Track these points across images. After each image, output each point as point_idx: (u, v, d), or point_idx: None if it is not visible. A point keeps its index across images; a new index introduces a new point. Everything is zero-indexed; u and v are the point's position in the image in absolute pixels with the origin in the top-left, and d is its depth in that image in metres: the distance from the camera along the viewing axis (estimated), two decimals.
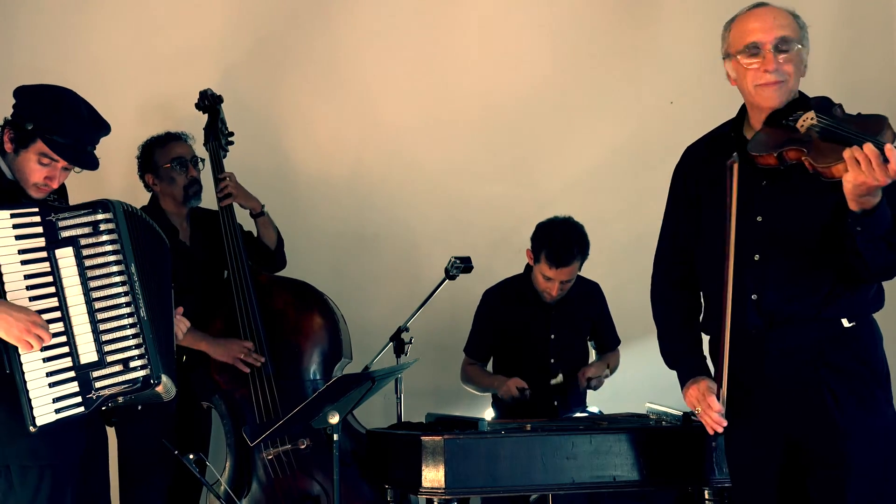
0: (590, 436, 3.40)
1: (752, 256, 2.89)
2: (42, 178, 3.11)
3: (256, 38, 4.87)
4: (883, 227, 2.69)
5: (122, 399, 3.01)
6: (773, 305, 2.87)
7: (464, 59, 5.04)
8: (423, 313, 4.14)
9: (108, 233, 3.03)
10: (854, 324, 2.84)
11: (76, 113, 3.14)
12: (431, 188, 4.98)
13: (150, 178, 4.15)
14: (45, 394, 2.91)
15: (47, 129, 3.07)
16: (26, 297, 2.93)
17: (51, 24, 4.67)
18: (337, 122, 4.96)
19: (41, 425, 2.88)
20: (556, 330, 4.33)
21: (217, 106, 4.31)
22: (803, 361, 2.84)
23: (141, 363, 2.99)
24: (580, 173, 5.08)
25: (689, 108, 5.03)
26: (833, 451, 2.80)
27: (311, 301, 4.13)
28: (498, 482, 3.33)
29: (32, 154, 3.09)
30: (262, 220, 4.26)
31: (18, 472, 3.00)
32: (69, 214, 3.02)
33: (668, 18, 5.15)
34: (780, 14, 2.87)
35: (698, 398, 2.95)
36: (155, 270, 3.19)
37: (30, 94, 3.15)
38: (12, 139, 3.11)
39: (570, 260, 4.14)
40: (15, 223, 2.95)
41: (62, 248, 2.99)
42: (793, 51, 2.83)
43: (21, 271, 2.95)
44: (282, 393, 3.96)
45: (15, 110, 3.14)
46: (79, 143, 3.12)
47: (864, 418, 2.80)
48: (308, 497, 3.89)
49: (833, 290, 2.83)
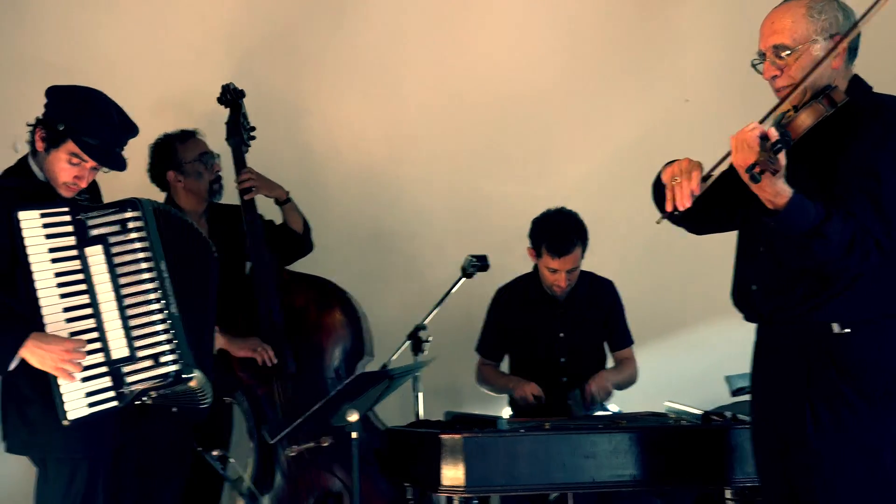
0: (609, 435, 3.39)
1: (758, 248, 2.86)
2: (71, 177, 3.17)
3: (274, 33, 4.88)
4: (794, 228, 2.58)
5: (155, 394, 3.06)
6: (762, 299, 2.83)
7: (479, 57, 5.03)
8: (439, 311, 4.14)
9: (137, 230, 3.09)
10: (849, 330, 2.69)
11: (106, 115, 3.19)
12: (448, 186, 4.99)
13: (173, 174, 4.12)
14: (77, 388, 2.97)
15: (78, 129, 3.12)
16: (57, 294, 3.00)
17: (67, 20, 4.68)
18: (353, 121, 4.96)
19: (73, 419, 2.95)
20: (565, 329, 4.32)
21: (239, 100, 4.30)
22: (789, 366, 2.76)
23: (172, 358, 3.03)
24: (595, 171, 5.07)
25: (704, 105, 5.03)
26: (807, 467, 2.71)
27: (333, 298, 4.13)
28: (517, 480, 3.33)
29: (63, 154, 3.15)
30: (289, 205, 4.27)
31: (54, 465, 3.10)
32: (98, 213, 3.09)
33: (684, 15, 5.13)
34: (780, 18, 2.76)
35: (685, 168, 2.71)
36: (190, 269, 3.23)
37: (62, 94, 3.21)
38: (44, 138, 3.16)
39: (571, 247, 4.15)
40: (45, 222, 3.03)
41: (92, 246, 3.06)
42: (791, 55, 2.73)
43: (52, 269, 3.01)
44: (304, 391, 3.97)
45: (47, 110, 3.19)
46: (108, 145, 3.18)
47: (841, 442, 2.67)
48: (330, 494, 3.90)
49: (816, 291, 2.71)
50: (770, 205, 2.57)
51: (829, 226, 2.56)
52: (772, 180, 2.52)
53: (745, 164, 2.49)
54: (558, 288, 4.24)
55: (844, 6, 2.77)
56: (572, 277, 4.23)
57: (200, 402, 3.23)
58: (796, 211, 2.55)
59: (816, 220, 2.56)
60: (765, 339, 2.89)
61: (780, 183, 2.54)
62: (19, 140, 3.33)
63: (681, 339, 5.01)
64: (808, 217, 2.56)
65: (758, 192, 2.57)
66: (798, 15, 2.74)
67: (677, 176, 2.70)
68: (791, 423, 2.75)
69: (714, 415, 3.60)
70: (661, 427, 3.55)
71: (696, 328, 4.97)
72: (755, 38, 5.16)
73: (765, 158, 2.47)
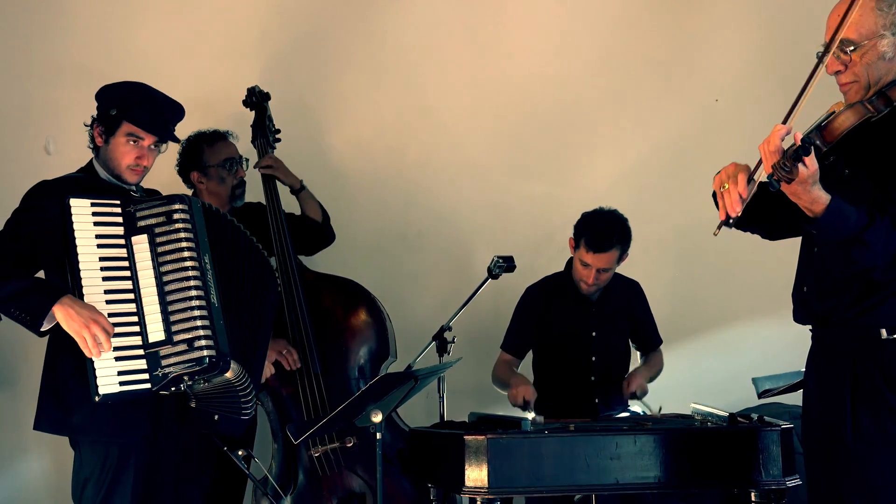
0: (634, 436, 3.37)
1: (813, 249, 2.82)
2: (133, 158, 3.34)
3: (299, 33, 4.89)
4: (833, 235, 2.56)
5: (190, 381, 3.10)
6: (814, 302, 2.81)
7: (508, 57, 5.02)
8: (465, 312, 4.13)
9: (182, 222, 3.20)
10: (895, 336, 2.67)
11: (152, 95, 3.40)
12: (475, 187, 4.98)
13: (196, 175, 4.17)
14: (111, 366, 3.04)
15: (129, 108, 3.31)
16: (100, 277, 3.11)
17: (94, 21, 4.73)
18: (380, 120, 4.97)
19: (104, 394, 3.02)
20: (597, 327, 4.32)
21: (264, 103, 4.34)
22: (838, 368, 2.75)
23: (206, 343, 3.08)
24: (624, 171, 5.05)
25: (734, 105, 5.00)
26: (847, 471, 2.71)
27: (359, 299, 4.14)
28: (541, 482, 3.31)
29: (121, 137, 3.33)
30: (304, 194, 4.32)
31: (87, 447, 3.22)
32: (147, 205, 3.23)
33: (714, 15, 5.10)
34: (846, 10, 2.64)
35: (731, 173, 2.62)
36: (240, 272, 3.34)
37: (108, 90, 3.41)
38: (102, 132, 3.34)
39: (609, 246, 4.14)
40: (95, 211, 3.17)
41: (138, 235, 3.18)
42: (857, 51, 2.66)
43: (97, 254, 3.13)
44: (329, 391, 3.98)
45: (99, 106, 3.38)
46: (159, 118, 3.35)
47: (881, 446, 2.66)
48: (353, 494, 3.91)
49: (865, 295, 2.68)
50: (808, 212, 2.54)
51: (871, 232, 2.53)
52: (804, 187, 2.48)
53: (769, 170, 2.46)
54: (585, 284, 4.23)
55: None
56: (602, 279, 4.22)
57: (243, 407, 3.28)
58: (835, 218, 2.52)
59: (857, 227, 2.52)
60: (818, 340, 2.87)
61: (815, 190, 2.49)
62: (52, 141, 3.39)
63: (709, 340, 4.98)
64: (849, 224, 2.53)
65: (793, 199, 2.54)
66: (867, 8, 2.65)
67: (725, 183, 2.62)
68: (833, 425, 2.74)
69: (741, 417, 3.58)
70: (687, 429, 3.53)
71: (725, 330, 4.94)
72: (785, 37, 5.16)
73: (779, 165, 2.42)
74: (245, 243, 3.44)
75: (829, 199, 2.51)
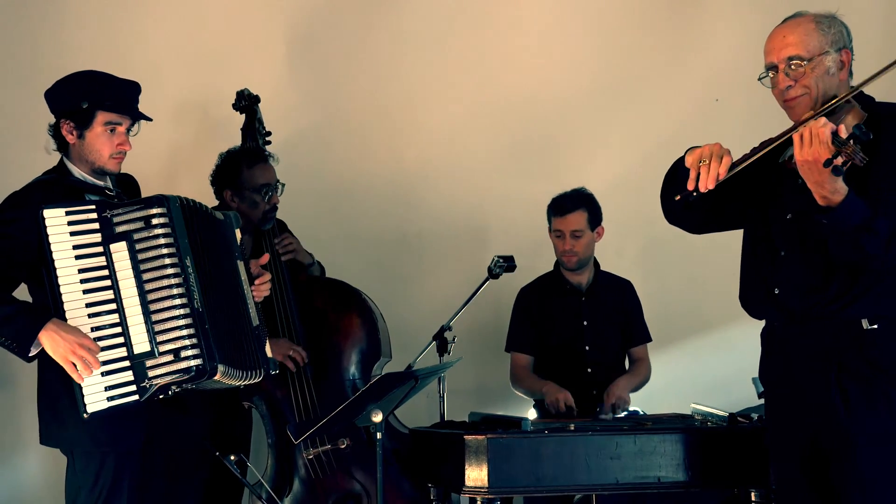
0: (634, 436, 3.39)
1: (778, 252, 2.92)
2: (115, 146, 3.22)
3: (295, 37, 4.89)
4: (847, 223, 2.67)
5: (177, 388, 3.08)
6: (792, 301, 2.88)
7: (505, 57, 5.02)
8: (466, 312, 4.14)
9: (161, 227, 3.09)
10: (876, 326, 2.79)
11: (112, 80, 3.28)
12: (474, 186, 4.98)
13: (229, 194, 4.06)
14: (97, 382, 3.01)
15: (99, 98, 3.19)
16: (80, 289, 3.04)
17: (85, 26, 4.71)
18: (378, 120, 4.96)
19: (93, 412, 3.00)
20: (588, 317, 4.34)
21: (254, 106, 4.29)
22: (820, 361, 2.82)
23: (193, 353, 3.05)
24: (623, 171, 5.05)
25: (734, 105, 4.99)
26: (844, 454, 2.78)
27: (350, 301, 4.13)
28: (541, 482, 3.33)
29: (98, 128, 3.21)
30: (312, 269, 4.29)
31: (82, 457, 3.16)
32: (123, 210, 3.12)
33: (714, 15, 5.10)
34: (791, 31, 2.86)
35: (716, 152, 2.81)
36: (219, 263, 3.26)
37: (66, 83, 3.27)
38: (73, 128, 3.22)
39: (572, 207, 4.24)
40: (70, 220, 3.06)
41: (117, 242, 3.08)
42: (806, 66, 2.82)
43: (75, 266, 3.05)
44: (321, 393, 3.98)
45: (60, 104, 3.24)
46: (128, 100, 3.26)
47: (876, 422, 2.75)
48: (349, 496, 3.91)
49: (848, 288, 2.79)
50: (824, 202, 2.67)
51: (878, 221, 2.66)
52: (833, 178, 2.62)
53: (819, 159, 2.59)
54: (565, 255, 4.28)
55: (844, 23, 2.90)
56: (578, 246, 4.26)
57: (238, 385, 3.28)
58: (852, 207, 2.65)
59: (867, 216, 2.66)
60: (790, 339, 2.91)
61: (839, 181, 2.64)
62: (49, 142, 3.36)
63: (708, 340, 4.98)
64: (860, 213, 2.66)
65: (817, 190, 2.66)
66: (809, 29, 2.85)
67: (706, 158, 2.80)
68: (821, 413, 2.79)
69: (741, 417, 3.59)
70: (687, 428, 3.53)
71: (724, 330, 4.93)
72: None
73: (851, 150, 2.57)
74: (219, 227, 3.33)
75: (847, 189, 2.65)
